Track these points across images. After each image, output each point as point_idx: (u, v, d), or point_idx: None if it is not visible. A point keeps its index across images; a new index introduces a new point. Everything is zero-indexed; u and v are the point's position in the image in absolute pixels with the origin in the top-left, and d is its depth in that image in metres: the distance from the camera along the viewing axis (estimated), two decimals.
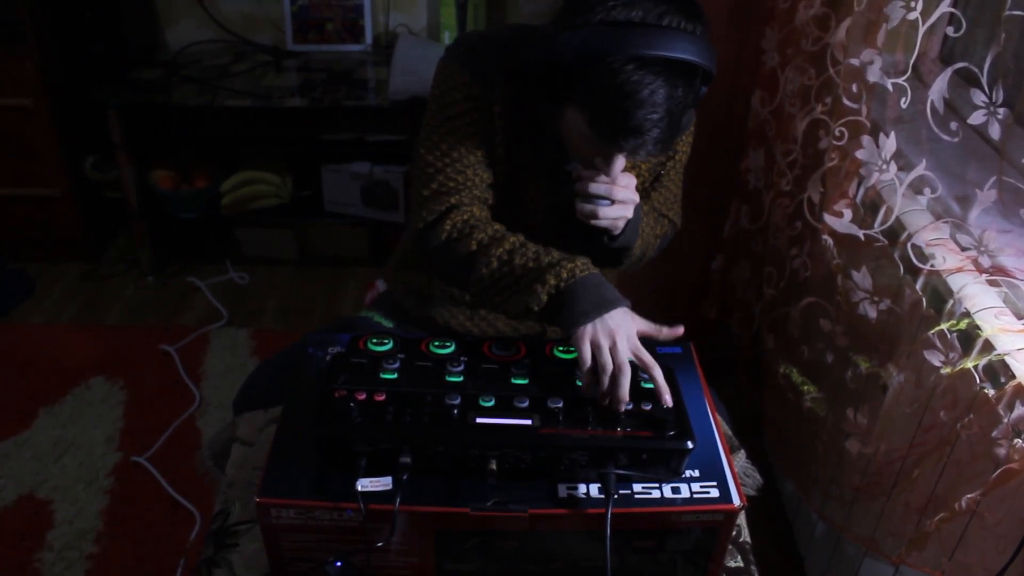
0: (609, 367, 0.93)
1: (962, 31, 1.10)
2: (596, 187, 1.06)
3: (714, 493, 0.89)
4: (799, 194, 1.47)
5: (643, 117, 0.93)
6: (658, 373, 0.94)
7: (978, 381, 1.01)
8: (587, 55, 0.94)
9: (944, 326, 1.06)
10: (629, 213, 1.10)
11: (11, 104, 2.33)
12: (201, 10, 2.60)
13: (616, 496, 0.87)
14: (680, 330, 1.01)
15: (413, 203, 1.18)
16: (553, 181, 1.16)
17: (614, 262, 1.23)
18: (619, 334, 0.95)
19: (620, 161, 1.04)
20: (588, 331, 0.96)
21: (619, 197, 1.07)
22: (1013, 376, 0.95)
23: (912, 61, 1.14)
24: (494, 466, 0.87)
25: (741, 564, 1.01)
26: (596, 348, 0.95)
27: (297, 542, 0.89)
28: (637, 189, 1.18)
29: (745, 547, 1.03)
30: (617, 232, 1.12)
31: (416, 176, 1.17)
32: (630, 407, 0.91)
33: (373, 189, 2.54)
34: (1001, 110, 1.02)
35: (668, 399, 0.93)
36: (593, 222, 1.09)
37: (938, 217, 1.17)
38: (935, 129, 1.11)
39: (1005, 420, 0.96)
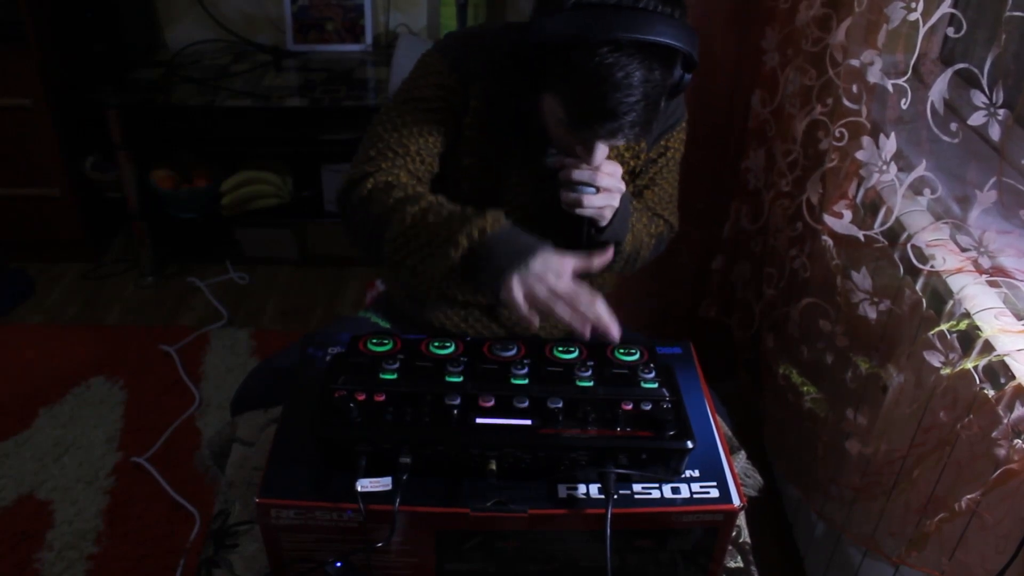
0: (555, 301, 0.92)
1: (962, 32, 1.10)
2: (580, 174, 1.05)
3: (714, 493, 0.89)
4: (799, 195, 1.47)
5: (618, 100, 0.92)
6: (601, 309, 0.93)
7: (978, 381, 1.01)
8: (562, 40, 0.93)
9: (944, 327, 1.06)
10: (615, 202, 1.08)
11: (11, 104, 2.33)
12: (201, 10, 2.60)
13: (616, 496, 0.87)
14: (610, 254, 1.00)
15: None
16: (536, 176, 1.15)
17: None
18: (548, 276, 0.93)
19: (602, 148, 1.02)
20: (515, 282, 0.93)
21: (604, 184, 1.05)
22: (1013, 376, 0.95)
23: (912, 62, 1.14)
24: (494, 466, 0.87)
25: (741, 564, 1.01)
26: (531, 297, 0.93)
27: (297, 542, 0.89)
28: (629, 190, 1.17)
29: (745, 547, 1.03)
30: (604, 223, 1.10)
31: (360, 145, 1.15)
32: (629, 407, 0.91)
33: None
34: (1001, 111, 1.02)
35: (615, 333, 0.93)
36: (578, 211, 1.07)
37: (938, 218, 1.17)
38: (935, 130, 1.11)
39: (1005, 420, 0.96)
